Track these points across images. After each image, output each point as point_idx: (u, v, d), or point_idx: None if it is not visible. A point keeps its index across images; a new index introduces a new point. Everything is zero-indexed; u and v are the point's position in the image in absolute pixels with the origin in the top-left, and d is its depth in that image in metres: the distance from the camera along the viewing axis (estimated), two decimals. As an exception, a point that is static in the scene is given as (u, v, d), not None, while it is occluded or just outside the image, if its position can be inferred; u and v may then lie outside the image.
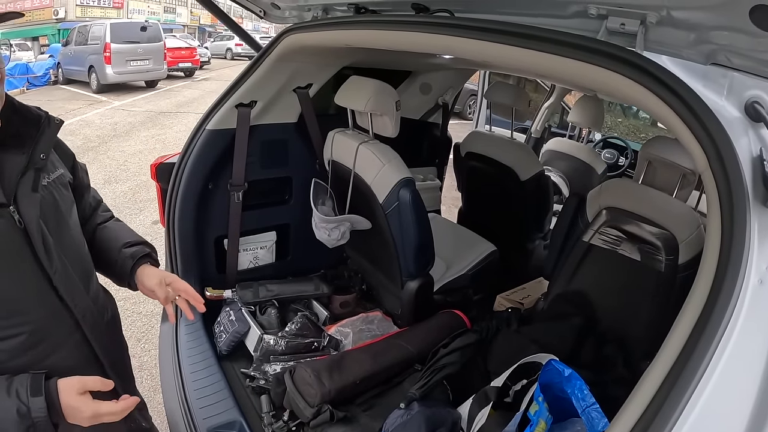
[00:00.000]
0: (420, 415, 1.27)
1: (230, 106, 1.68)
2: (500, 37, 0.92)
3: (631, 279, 1.57)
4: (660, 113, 0.81)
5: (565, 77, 0.96)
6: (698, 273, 0.72)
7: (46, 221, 0.87)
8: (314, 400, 1.33)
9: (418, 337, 1.69)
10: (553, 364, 1.23)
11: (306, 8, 1.53)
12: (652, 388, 0.64)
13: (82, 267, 1.00)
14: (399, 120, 1.65)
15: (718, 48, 0.81)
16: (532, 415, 1.14)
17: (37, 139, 0.87)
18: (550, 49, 0.86)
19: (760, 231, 0.69)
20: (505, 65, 1.05)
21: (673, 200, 1.49)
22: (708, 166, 0.74)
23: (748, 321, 0.64)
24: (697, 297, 0.68)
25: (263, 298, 1.84)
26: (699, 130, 0.75)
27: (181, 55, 13.69)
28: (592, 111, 2.67)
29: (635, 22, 0.83)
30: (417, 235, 1.66)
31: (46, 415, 0.78)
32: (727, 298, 0.64)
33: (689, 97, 0.76)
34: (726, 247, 0.67)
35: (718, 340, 0.62)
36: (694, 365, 0.62)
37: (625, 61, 0.80)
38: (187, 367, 1.59)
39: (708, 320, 0.64)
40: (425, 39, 1.08)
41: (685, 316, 0.68)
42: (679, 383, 0.62)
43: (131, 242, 1.12)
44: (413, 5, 1.15)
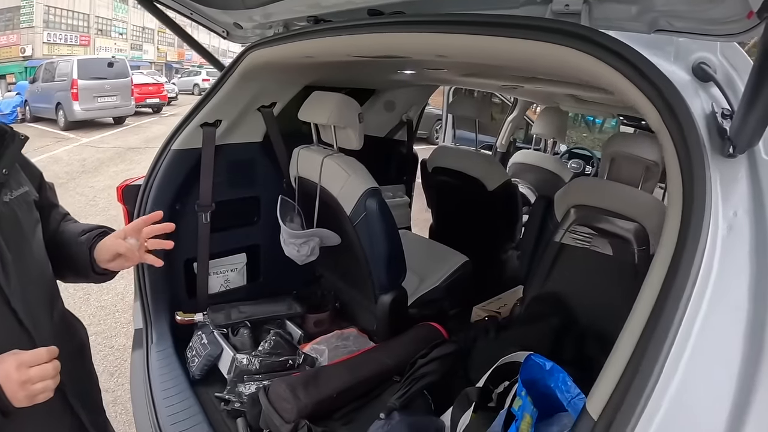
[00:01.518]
0: (401, 424, 1.23)
1: (195, 125, 1.67)
2: (454, 27, 0.95)
3: (606, 274, 1.59)
4: (611, 80, 0.81)
5: (520, 59, 0.98)
6: (663, 234, 0.71)
7: (5, 239, 0.84)
8: (291, 415, 1.27)
9: (396, 349, 1.65)
10: (533, 359, 1.22)
11: (267, 26, 1.56)
12: (631, 344, 0.63)
13: (44, 289, 0.96)
14: (363, 132, 1.68)
15: (659, 14, 0.82)
16: (515, 410, 1.11)
17: (0, 154, 0.85)
18: (502, 33, 0.88)
19: (723, 181, 0.70)
20: (461, 54, 1.07)
21: (638, 192, 1.54)
22: (662, 122, 0.74)
23: (723, 266, 0.64)
24: (663, 255, 0.67)
25: (235, 320, 1.78)
26: (649, 89, 0.75)
27: (149, 91, 13.74)
28: (555, 122, 2.77)
29: (578, 1, 0.86)
30: (387, 244, 1.65)
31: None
32: (693, 248, 0.63)
33: (636, 59, 0.77)
34: (688, 198, 0.67)
35: (690, 289, 0.61)
36: (667, 322, 0.61)
37: (573, 35, 0.82)
38: (159, 393, 1.52)
39: (676, 273, 0.62)
40: (381, 39, 1.11)
41: (653, 275, 0.67)
42: (654, 339, 0.61)
43: (86, 230, 1.06)
44: (368, 11, 1.19)
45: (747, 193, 0.74)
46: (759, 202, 0.73)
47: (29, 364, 0.78)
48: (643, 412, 0.58)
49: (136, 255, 0.99)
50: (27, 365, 0.78)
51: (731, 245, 0.67)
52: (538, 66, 1.03)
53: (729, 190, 0.72)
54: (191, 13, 1.63)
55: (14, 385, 0.76)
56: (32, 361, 0.79)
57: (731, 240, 0.67)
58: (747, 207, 0.73)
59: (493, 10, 0.99)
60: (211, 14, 1.62)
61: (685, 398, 0.60)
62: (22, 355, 0.78)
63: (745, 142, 0.72)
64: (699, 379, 0.61)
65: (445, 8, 1.08)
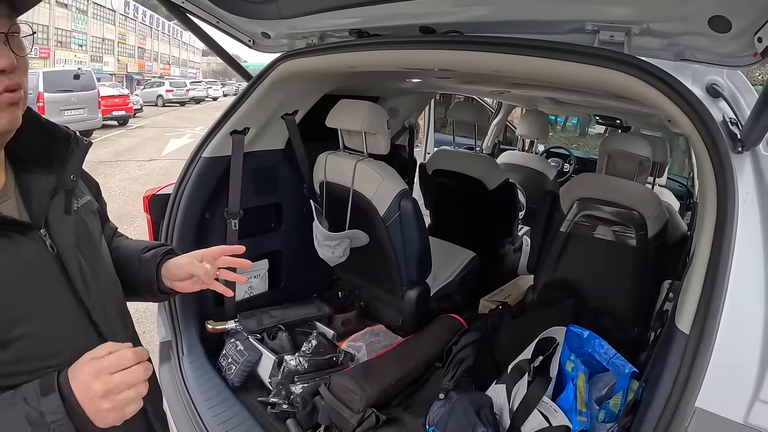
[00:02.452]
0: (462, 400, 1.34)
1: (225, 133, 1.69)
2: (516, 49, 1.09)
3: (610, 258, 1.80)
4: (650, 96, 1.01)
5: (572, 78, 1.15)
6: (702, 203, 0.96)
7: (80, 248, 0.78)
8: (359, 405, 1.34)
9: (429, 339, 1.76)
10: (572, 330, 1.38)
11: (299, 36, 1.62)
12: (702, 273, 0.85)
13: (118, 303, 0.90)
14: (389, 137, 1.78)
15: (685, 48, 1.05)
16: (570, 371, 1.26)
17: (66, 158, 0.79)
18: (562, 57, 1.05)
19: (737, 170, 0.93)
20: (517, 72, 1.22)
21: (635, 184, 1.76)
22: (694, 129, 0.95)
23: (743, 225, 0.87)
24: (709, 215, 0.90)
25: (268, 324, 1.81)
26: (683, 103, 0.96)
27: (115, 103, 13.19)
28: (538, 123, 3.02)
29: (621, 33, 1.05)
30: (419, 242, 1.76)
31: (65, 414, 0.62)
32: (732, 212, 0.86)
33: (672, 81, 0.98)
34: (721, 180, 0.89)
35: (732, 239, 0.85)
36: (725, 253, 0.84)
37: (623, 62, 1.01)
38: (203, 403, 1.53)
39: (724, 225, 0.86)
40: (440, 55, 1.22)
41: (705, 225, 0.90)
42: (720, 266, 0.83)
43: (148, 247, 1.01)
44: (421, 28, 1.30)
45: (753, 178, 0.97)
46: (762, 183, 0.96)
47: (111, 369, 0.65)
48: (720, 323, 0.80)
49: (210, 280, 0.95)
50: (108, 371, 0.65)
51: (747, 212, 0.90)
52: (583, 82, 1.19)
53: (741, 177, 0.94)
54: (217, 22, 1.65)
55: (97, 400, 0.63)
56: (115, 364, 0.66)
57: (747, 209, 0.91)
58: (754, 187, 0.95)
59: (542, 35, 1.14)
60: (239, 23, 1.65)
61: (738, 310, 0.82)
62: (102, 361, 0.66)
63: (752, 142, 0.95)
64: (743, 291, 0.84)
65: (495, 30, 1.20)
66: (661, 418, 0.79)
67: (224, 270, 0.97)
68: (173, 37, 47.37)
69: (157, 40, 43.64)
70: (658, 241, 1.68)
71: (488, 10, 1.15)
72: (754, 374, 0.79)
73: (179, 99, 23.25)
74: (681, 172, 4.09)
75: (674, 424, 0.77)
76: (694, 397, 0.78)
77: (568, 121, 5.38)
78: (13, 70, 0.67)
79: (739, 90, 1.17)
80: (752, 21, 0.81)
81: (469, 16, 1.19)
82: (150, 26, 41.63)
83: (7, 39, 0.66)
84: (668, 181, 3.32)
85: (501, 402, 1.39)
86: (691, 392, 0.78)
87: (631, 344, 1.64)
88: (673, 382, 0.80)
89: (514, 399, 1.35)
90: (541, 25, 1.14)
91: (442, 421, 1.32)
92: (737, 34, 0.87)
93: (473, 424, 1.28)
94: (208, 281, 0.94)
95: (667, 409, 0.79)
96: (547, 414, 1.28)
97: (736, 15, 0.82)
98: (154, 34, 42.69)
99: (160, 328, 1.79)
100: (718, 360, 0.80)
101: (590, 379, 1.31)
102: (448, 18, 1.23)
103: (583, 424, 1.20)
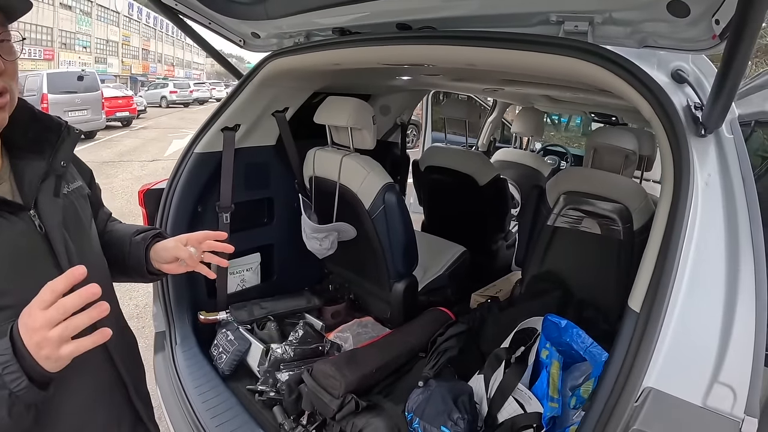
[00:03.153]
0: (440, 388, 1.37)
1: (216, 129, 1.75)
2: (486, 42, 1.13)
3: (596, 251, 1.81)
4: (612, 83, 1.04)
5: (539, 69, 1.17)
6: (661, 190, 0.96)
7: (67, 229, 0.83)
8: (339, 391, 1.38)
9: (415, 331, 1.79)
10: (550, 319, 1.41)
11: (287, 35, 1.67)
12: (654, 252, 0.88)
13: (104, 281, 0.93)
14: (375, 133, 1.82)
15: (647, 35, 1.07)
16: (544, 358, 1.29)
17: (57, 146, 0.85)
18: (528, 48, 1.08)
19: (699, 153, 0.96)
20: (490, 64, 1.25)
21: (621, 177, 1.77)
22: (654, 113, 0.98)
23: (704, 209, 0.90)
24: (665, 196, 0.92)
25: (258, 315, 1.86)
26: (642, 89, 0.99)
27: (118, 105, 13.45)
28: (533, 120, 3.03)
29: (585, 23, 1.08)
30: (404, 234, 1.80)
31: (11, 355, 0.62)
32: (685, 195, 0.88)
33: (632, 67, 1.01)
34: (677, 162, 0.92)
35: (685, 221, 0.87)
36: (677, 232, 0.86)
37: (586, 51, 1.04)
38: (193, 390, 1.58)
39: (677, 207, 0.88)
40: (416, 50, 1.26)
41: (662, 207, 0.92)
42: (671, 244, 0.85)
43: (139, 230, 1.07)
44: (397, 25, 1.34)
45: (716, 160, 0.99)
46: (724, 165, 0.99)
47: (42, 305, 0.62)
48: (668, 302, 0.82)
49: (194, 263, 0.99)
50: (40, 307, 0.62)
51: (709, 195, 0.93)
52: (552, 74, 1.22)
53: (703, 159, 0.97)
54: (209, 23, 1.70)
55: (33, 336, 0.62)
56: (45, 299, 0.63)
57: (708, 192, 0.93)
58: (717, 169, 0.98)
59: (511, 28, 1.17)
60: (229, 24, 1.70)
61: (696, 290, 0.84)
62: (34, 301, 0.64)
63: (712, 125, 0.97)
64: (702, 271, 0.86)
65: (467, 25, 1.24)
66: (609, 397, 0.82)
67: (208, 254, 1.01)
68: (177, 39, 47.95)
69: (160, 42, 44.20)
70: (644, 234, 1.67)
71: (459, 6, 1.19)
72: (713, 355, 0.80)
73: (183, 100, 23.56)
74: None
75: (621, 402, 0.80)
76: (642, 374, 0.80)
77: (571, 121, 5.38)
78: (1, 75, 0.72)
79: (704, 74, 1.18)
80: (709, 4, 0.84)
81: (441, 13, 1.23)
82: (154, 28, 42.21)
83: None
84: None
85: (481, 391, 1.42)
86: (639, 369, 0.80)
87: (614, 335, 1.65)
88: (622, 359, 0.83)
89: (491, 387, 1.38)
90: (509, 19, 1.17)
91: (420, 407, 1.36)
92: (696, 18, 0.90)
93: (449, 410, 1.31)
94: (193, 264, 0.98)
95: (615, 387, 0.82)
96: (522, 401, 1.31)
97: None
98: (157, 36, 43.24)
99: (156, 318, 1.85)
100: (675, 341, 0.81)
101: (568, 368, 1.34)
102: (423, 15, 1.27)
103: (554, 410, 1.23)
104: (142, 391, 1.03)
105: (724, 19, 0.85)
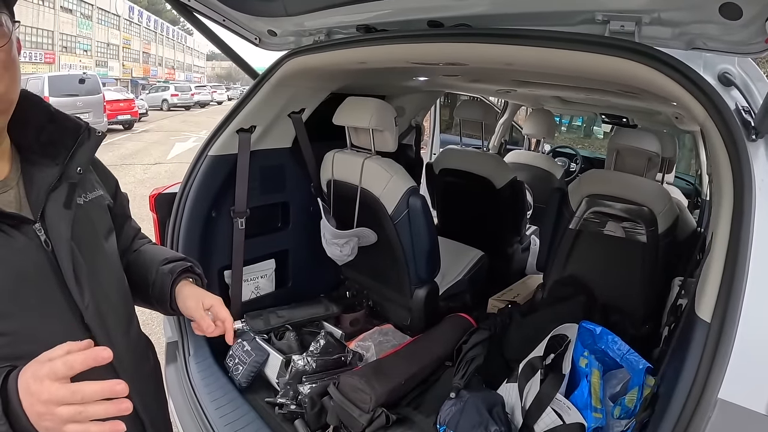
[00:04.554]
0: (474, 399, 1.32)
1: (231, 131, 1.69)
2: (527, 41, 1.08)
3: (620, 254, 1.77)
4: (661, 84, 1.00)
5: (585, 69, 1.13)
6: (717, 192, 0.95)
7: (78, 245, 0.74)
8: (368, 405, 1.32)
9: (439, 338, 1.74)
10: (585, 326, 1.36)
11: (306, 33, 1.61)
12: (721, 260, 0.84)
13: (121, 303, 0.86)
14: (397, 134, 1.77)
15: (695, 36, 1.03)
16: (583, 367, 1.24)
17: (74, 150, 0.77)
18: (574, 47, 1.03)
19: (752, 156, 0.91)
20: (530, 64, 1.20)
21: (644, 180, 1.73)
22: (708, 116, 0.94)
23: (760, 211, 0.86)
24: (726, 202, 0.89)
25: (275, 324, 1.80)
26: (696, 91, 0.95)
27: (120, 108, 13.41)
28: (544, 122, 3.00)
29: (632, 23, 1.04)
30: (428, 239, 1.75)
31: (1, 414, 0.56)
32: (749, 199, 0.85)
33: (685, 69, 0.97)
34: (736, 166, 0.88)
35: (751, 226, 0.83)
36: (745, 238, 0.82)
37: (638, 51, 1.00)
38: (209, 404, 1.52)
39: (742, 211, 0.85)
40: (451, 49, 1.21)
41: (723, 212, 0.89)
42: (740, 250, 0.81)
43: (170, 259, 0.98)
44: (429, 22, 1.29)
45: (767, 164, 0.95)
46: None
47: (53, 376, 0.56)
48: (742, 309, 0.77)
49: (204, 329, 0.91)
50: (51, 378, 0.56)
51: (764, 197, 0.89)
52: (596, 74, 1.17)
53: (756, 163, 0.92)
54: (224, 20, 1.64)
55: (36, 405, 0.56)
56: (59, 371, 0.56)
57: (763, 195, 0.90)
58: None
59: (552, 27, 1.12)
60: (244, 21, 1.64)
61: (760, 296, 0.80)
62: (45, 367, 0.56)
63: (765, 129, 0.93)
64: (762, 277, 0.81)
65: (504, 23, 1.19)
66: (683, 411, 0.77)
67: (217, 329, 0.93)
68: (178, 42, 47.74)
69: (161, 45, 44.04)
70: (669, 237, 1.66)
71: (496, 3, 1.13)
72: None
73: (184, 103, 23.49)
74: (687, 171, 4.07)
75: (697, 417, 0.75)
76: (717, 387, 0.76)
77: (572, 122, 5.38)
78: None
79: (750, 78, 1.15)
80: (763, 7, 0.80)
81: (477, 10, 1.18)
82: (154, 31, 42.00)
83: None
84: (675, 179, 3.29)
85: (513, 400, 1.37)
86: (715, 382, 0.76)
87: (642, 340, 1.62)
88: (695, 372, 0.78)
89: (526, 397, 1.33)
90: (550, 17, 1.12)
91: (453, 419, 1.30)
92: (748, 21, 0.86)
93: (486, 422, 1.26)
94: (204, 328, 0.91)
95: (689, 401, 0.77)
96: (561, 411, 1.25)
97: (746, 1, 0.81)
98: (158, 39, 43.07)
99: (166, 328, 1.78)
100: (741, 349, 0.77)
101: (603, 376, 1.29)
102: (456, 11, 1.21)
103: (599, 420, 1.18)
104: (160, 425, 0.95)
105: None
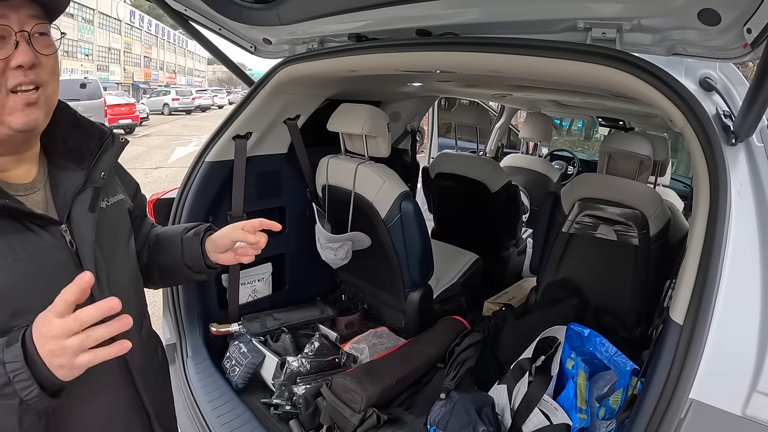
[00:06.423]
0: (463, 399, 1.34)
1: (228, 137, 1.72)
2: (512, 49, 1.11)
3: (612, 258, 1.79)
4: (642, 91, 1.02)
5: (568, 76, 1.15)
6: (695, 196, 0.95)
7: (100, 246, 0.78)
8: (360, 405, 1.35)
9: (432, 341, 1.76)
10: (573, 328, 1.39)
11: (300, 41, 1.64)
12: (695, 263, 0.86)
13: (136, 302, 0.91)
14: (390, 140, 1.80)
15: (676, 42, 1.06)
16: (570, 368, 1.26)
17: (99, 156, 0.81)
18: (557, 55, 1.06)
19: (730, 161, 0.94)
20: (515, 72, 1.23)
21: (636, 183, 1.75)
22: (686, 121, 0.96)
23: (738, 216, 0.88)
24: (702, 206, 0.91)
25: (271, 327, 1.83)
26: (674, 97, 0.97)
27: (121, 112, 13.49)
28: (541, 126, 3.02)
29: (613, 30, 1.06)
30: (420, 242, 1.77)
31: (23, 362, 0.60)
32: (723, 205, 0.87)
33: (664, 76, 0.98)
34: (713, 171, 0.90)
35: (725, 231, 0.86)
36: (718, 243, 0.85)
37: (617, 59, 1.02)
38: (206, 405, 1.55)
39: (716, 215, 0.87)
40: (438, 57, 1.24)
41: (698, 216, 0.90)
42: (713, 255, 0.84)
43: (188, 228, 1.03)
44: (417, 31, 1.32)
45: (747, 169, 0.98)
46: (756, 174, 0.98)
47: (57, 313, 0.59)
48: (714, 312, 0.80)
49: (255, 247, 0.94)
50: (55, 315, 0.59)
51: (742, 203, 0.92)
52: (579, 81, 1.20)
53: (735, 168, 0.95)
54: (220, 29, 1.68)
55: (48, 342, 0.60)
56: (60, 307, 0.59)
57: (741, 200, 0.92)
58: (748, 178, 0.97)
59: (536, 35, 1.15)
60: (240, 30, 1.68)
61: (734, 300, 0.83)
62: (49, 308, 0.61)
63: (744, 133, 0.96)
64: (739, 281, 0.85)
65: (490, 31, 1.22)
66: (655, 411, 0.80)
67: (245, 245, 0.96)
68: (179, 46, 47.99)
69: (162, 49, 44.32)
70: (661, 240, 1.67)
71: (482, 12, 1.16)
72: (752, 365, 0.79)
73: (185, 107, 23.57)
74: (687, 173, 4.07)
75: (668, 416, 0.78)
76: (688, 388, 0.78)
77: (573, 125, 5.41)
78: (33, 68, 0.68)
79: (732, 83, 1.18)
80: (741, 12, 0.82)
81: (463, 18, 1.21)
82: (156, 35, 42.25)
83: (30, 38, 0.68)
84: (672, 181, 3.30)
85: (503, 402, 1.39)
86: (686, 383, 0.78)
87: (634, 342, 1.63)
88: (667, 373, 0.80)
89: (515, 398, 1.35)
90: (534, 25, 1.15)
91: (443, 420, 1.32)
92: (727, 26, 0.88)
93: (474, 422, 1.28)
94: (254, 245, 0.93)
95: (661, 401, 0.79)
96: (548, 412, 1.27)
97: (724, 7, 0.83)
98: (159, 43, 43.34)
99: (165, 330, 1.81)
100: (714, 351, 0.80)
101: (591, 378, 1.31)
102: (444, 20, 1.25)
103: (584, 421, 1.20)
104: (165, 419, 0.97)
105: (756, 27, 0.83)
